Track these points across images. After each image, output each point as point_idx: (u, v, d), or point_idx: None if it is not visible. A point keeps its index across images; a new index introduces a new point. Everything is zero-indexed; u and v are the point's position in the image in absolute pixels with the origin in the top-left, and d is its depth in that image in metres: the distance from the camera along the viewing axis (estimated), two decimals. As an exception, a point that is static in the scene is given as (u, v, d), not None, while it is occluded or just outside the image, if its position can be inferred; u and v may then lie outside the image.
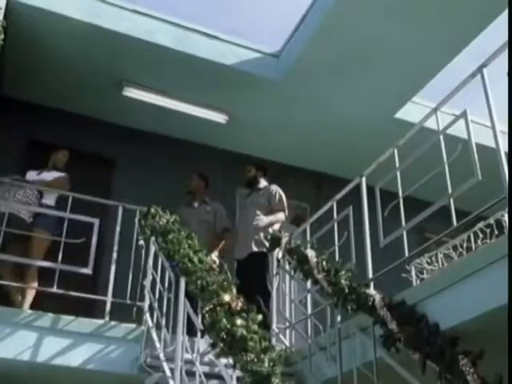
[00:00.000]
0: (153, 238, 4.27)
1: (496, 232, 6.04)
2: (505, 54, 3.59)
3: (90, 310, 5.51)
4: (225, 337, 2.40)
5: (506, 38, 3.51)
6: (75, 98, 6.85)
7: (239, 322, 2.48)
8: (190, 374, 3.34)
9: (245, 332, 2.38)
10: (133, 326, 4.33)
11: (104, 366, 4.15)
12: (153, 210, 4.18)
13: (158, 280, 4.30)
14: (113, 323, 4.30)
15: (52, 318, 4.17)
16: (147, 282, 4.44)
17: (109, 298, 4.54)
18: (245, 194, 6.39)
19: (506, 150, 3.47)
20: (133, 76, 6.59)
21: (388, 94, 6.80)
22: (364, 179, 4.58)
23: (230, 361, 2.51)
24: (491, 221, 6.26)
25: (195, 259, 3.25)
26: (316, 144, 7.51)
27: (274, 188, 6.09)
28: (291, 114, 7.08)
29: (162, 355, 3.84)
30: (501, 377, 2.76)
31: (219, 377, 3.29)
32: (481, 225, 6.24)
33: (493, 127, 3.54)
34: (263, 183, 6.25)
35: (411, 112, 7.03)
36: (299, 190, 7.36)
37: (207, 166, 7.17)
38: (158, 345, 3.98)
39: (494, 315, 3.12)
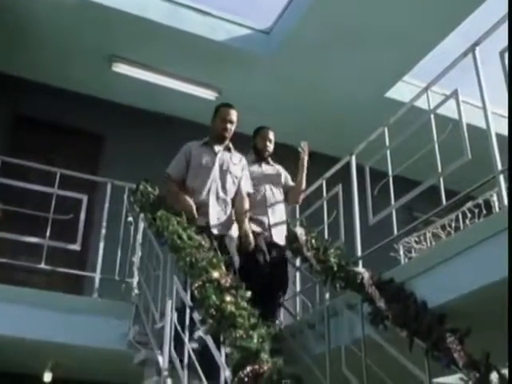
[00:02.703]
0: (142, 215, 4.25)
1: (484, 212, 6.08)
2: (496, 34, 3.59)
3: (79, 286, 5.52)
4: (214, 313, 2.40)
5: (497, 18, 3.51)
6: (63, 72, 6.76)
7: (228, 298, 2.48)
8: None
9: (234, 308, 2.39)
10: (121, 302, 4.34)
11: (92, 342, 4.16)
12: (142, 187, 4.15)
13: (147, 256, 4.29)
14: (101, 299, 4.30)
15: (40, 294, 4.16)
16: (136, 259, 4.43)
17: (97, 275, 4.53)
18: (250, 159, 4.85)
19: (497, 130, 3.49)
20: (122, 51, 6.51)
21: (379, 73, 6.76)
22: (354, 158, 4.57)
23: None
24: (480, 201, 6.29)
25: (184, 236, 3.24)
26: (306, 122, 7.47)
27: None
28: (281, 92, 7.04)
29: (150, 332, 3.84)
30: (487, 354, 2.78)
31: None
32: (469, 204, 6.27)
33: (483, 107, 3.54)
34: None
35: (402, 91, 7.01)
36: (288, 168, 7.34)
37: (196, 143, 7.12)
38: (146, 321, 3.98)
39: (481, 293, 3.14)
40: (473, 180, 3.56)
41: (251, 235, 4.24)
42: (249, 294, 2.59)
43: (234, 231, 4.28)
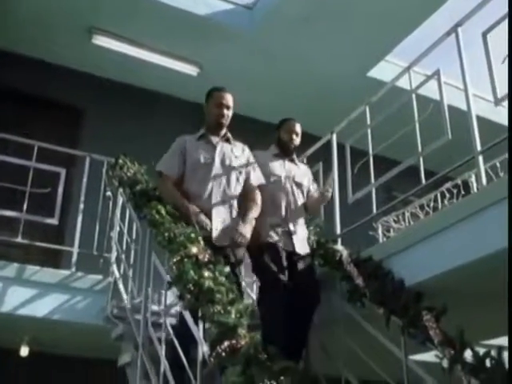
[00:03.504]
0: (120, 189, 4.21)
1: (463, 192, 6.14)
2: (480, 16, 3.59)
3: (56, 260, 5.48)
4: (192, 288, 2.40)
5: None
6: (42, 44, 6.61)
7: (206, 273, 2.48)
8: (157, 325, 3.35)
9: (212, 284, 2.38)
10: (99, 277, 4.33)
11: (70, 316, 4.15)
12: (121, 161, 4.10)
13: (126, 231, 4.28)
14: (79, 274, 4.29)
15: (17, 268, 4.12)
16: (114, 234, 4.41)
17: (75, 249, 4.50)
18: (272, 152, 4.23)
19: (477, 113, 3.51)
20: (103, 23, 6.38)
21: (361, 51, 6.73)
22: (335, 136, 4.57)
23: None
24: (458, 181, 6.36)
25: (163, 211, 3.22)
26: (287, 99, 7.43)
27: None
28: (263, 68, 6.98)
29: (128, 307, 3.84)
30: (462, 332, 2.82)
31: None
32: (448, 185, 6.33)
33: (465, 87, 3.56)
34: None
35: (384, 71, 6.98)
36: (269, 146, 7.33)
37: (177, 118, 7.07)
38: (124, 296, 3.98)
39: (457, 273, 3.18)
40: (452, 162, 3.58)
41: (247, 235, 3.48)
42: (227, 269, 2.59)
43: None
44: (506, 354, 2.70)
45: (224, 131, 3.81)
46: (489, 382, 2.57)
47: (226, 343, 2.02)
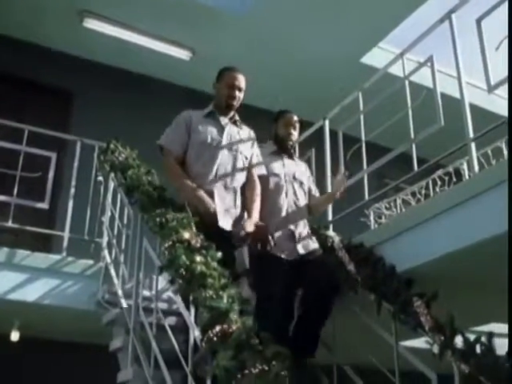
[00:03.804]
0: (112, 174, 4.19)
1: (454, 180, 6.16)
2: (472, 4, 3.58)
3: (47, 245, 5.46)
4: (184, 273, 2.39)
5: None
6: (33, 27, 6.54)
7: (198, 258, 2.47)
8: (148, 310, 3.34)
9: (204, 268, 2.38)
10: (91, 262, 4.31)
11: (61, 301, 4.13)
12: (112, 146, 4.07)
13: (117, 216, 4.26)
14: (70, 259, 4.26)
15: (8, 253, 4.09)
16: (106, 218, 4.39)
17: (66, 234, 4.48)
18: (269, 150, 3.96)
19: (470, 100, 3.52)
20: (94, 6, 6.32)
21: (355, 38, 6.71)
22: (327, 122, 4.56)
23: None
24: (450, 169, 6.37)
25: (155, 195, 3.20)
26: (279, 85, 7.41)
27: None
28: (255, 53, 6.93)
29: (119, 292, 3.83)
30: (452, 318, 2.84)
31: (177, 314, 3.30)
32: (440, 172, 6.35)
33: (458, 72, 3.56)
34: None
35: (378, 57, 6.97)
36: (262, 132, 7.31)
37: (169, 103, 7.00)
38: (116, 281, 3.96)
39: (448, 259, 3.20)
40: (444, 149, 3.59)
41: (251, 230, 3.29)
42: (219, 254, 2.58)
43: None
44: (496, 340, 2.73)
45: (233, 113, 3.60)
46: (479, 367, 2.60)
47: (218, 328, 2.02)
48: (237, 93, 3.54)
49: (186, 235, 2.66)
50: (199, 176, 3.32)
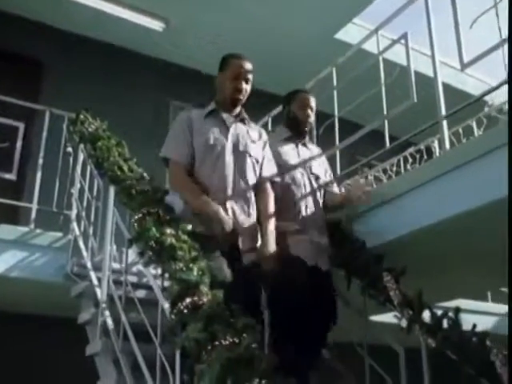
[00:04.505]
0: (81, 145, 4.12)
1: (425, 157, 6.22)
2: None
3: (15, 216, 5.37)
4: (153, 245, 2.37)
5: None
6: (3, -6, 6.36)
7: (168, 230, 2.45)
8: (118, 283, 3.32)
9: (174, 241, 2.36)
10: (59, 234, 4.25)
11: (29, 273, 4.07)
12: (82, 116, 4.00)
13: (87, 188, 4.20)
14: (38, 231, 4.20)
15: (-27, 224, 4.02)
16: (75, 190, 4.32)
17: (34, 205, 4.40)
18: (280, 137, 3.52)
19: (443, 80, 3.53)
20: (65, -26, 6.16)
21: (329, 13, 6.65)
22: (301, 97, 4.54)
23: (159, 271, 2.50)
24: (421, 147, 6.44)
25: (125, 167, 3.16)
26: (253, 59, 7.31)
27: None
28: (230, 26, 6.83)
29: (89, 264, 3.79)
30: (420, 293, 2.88)
31: (147, 287, 3.29)
32: (411, 150, 6.41)
33: (431, 49, 3.58)
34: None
35: (352, 34, 6.94)
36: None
37: (141, 74, 6.95)
38: (85, 254, 3.93)
39: (417, 235, 3.24)
40: (416, 128, 3.61)
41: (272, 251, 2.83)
42: (190, 227, 2.55)
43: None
44: (462, 316, 2.78)
45: (239, 109, 3.12)
46: (445, 341, 2.65)
47: (188, 300, 2.01)
48: (243, 85, 3.05)
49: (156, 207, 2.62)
50: (204, 186, 2.84)
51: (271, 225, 2.93)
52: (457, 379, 2.67)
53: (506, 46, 3.05)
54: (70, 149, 4.50)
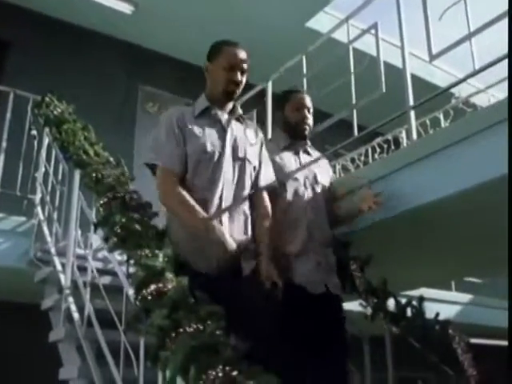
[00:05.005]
0: (46, 129, 4.04)
1: (393, 147, 6.28)
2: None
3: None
4: (119, 231, 2.34)
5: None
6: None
7: (135, 216, 2.42)
8: (82, 269, 3.29)
9: (139, 227, 2.33)
10: (23, 218, 4.17)
11: (-9, 259, 4.00)
12: (47, 99, 3.93)
13: (51, 172, 4.12)
14: (1, 215, 4.11)
15: None
16: (39, 174, 4.25)
17: (-4, 189, 4.31)
18: (280, 144, 3.17)
19: (411, 71, 3.56)
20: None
21: (300, 2, 6.65)
22: (270, 84, 4.54)
23: (124, 257, 2.47)
24: (389, 137, 6.49)
25: (91, 152, 3.11)
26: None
27: None
28: (201, 11, 6.76)
29: (53, 250, 3.74)
30: (385, 281, 2.91)
31: (112, 273, 3.26)
32: (379, 140, 6.46)
33: (401, 39, 3.59)
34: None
35: (323, 22, 6.94)
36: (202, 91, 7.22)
37: (110, 58, 6.85)
38: (49, 239, 3.87)
39: (381, 225, 3.26)
40: (385, 118, 3.64)
41: (273, 271, 2.49)
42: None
43: None
44: (425, 304, 2.82)
45: (232, 104, 2.73)
46: (408, 329, 2.68)
47: (153, 286, 1.99)
48: (239, 76, 2.66)
49: (122, 192, 2.59)
50: (199, 200, 2.44)
51: (267, 242, 2.56)
52: (419, 366, 2.71)
53: (473, 40, 3.09)
54: (34, 132, 4.42)
